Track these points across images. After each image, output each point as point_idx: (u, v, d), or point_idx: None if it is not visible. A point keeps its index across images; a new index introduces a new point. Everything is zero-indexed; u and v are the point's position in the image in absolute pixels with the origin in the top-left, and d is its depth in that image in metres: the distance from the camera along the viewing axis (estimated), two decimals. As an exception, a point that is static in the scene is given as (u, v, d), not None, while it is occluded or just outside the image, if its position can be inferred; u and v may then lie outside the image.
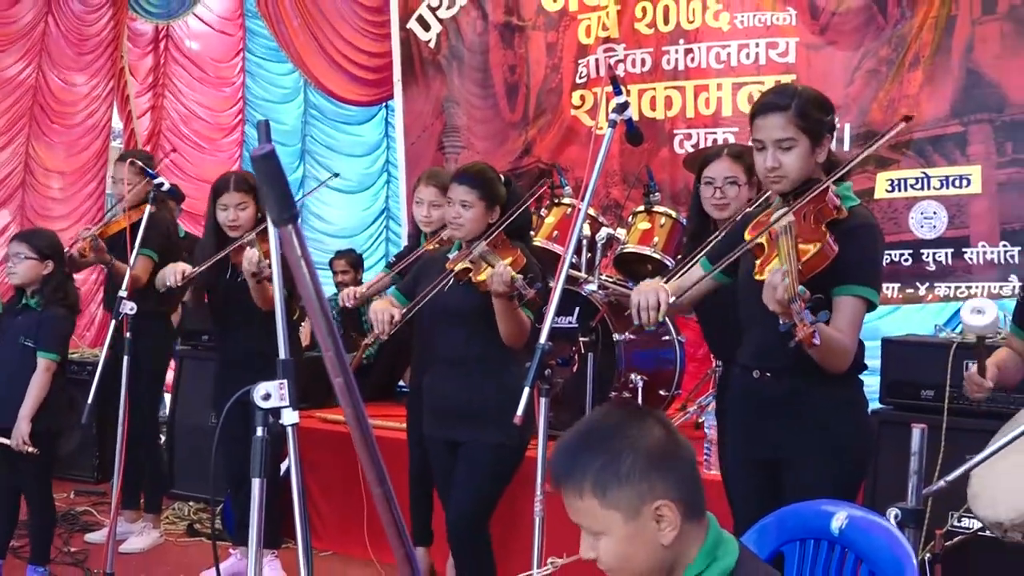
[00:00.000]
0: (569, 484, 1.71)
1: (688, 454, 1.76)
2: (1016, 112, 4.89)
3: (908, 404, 4.02)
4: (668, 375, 5.00)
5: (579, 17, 6.14)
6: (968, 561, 3.55)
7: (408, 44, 6.72)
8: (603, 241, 4.99)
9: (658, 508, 1.67)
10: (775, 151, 2.77)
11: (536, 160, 6.22)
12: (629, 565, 1.70)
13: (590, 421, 1.82)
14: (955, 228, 5.05)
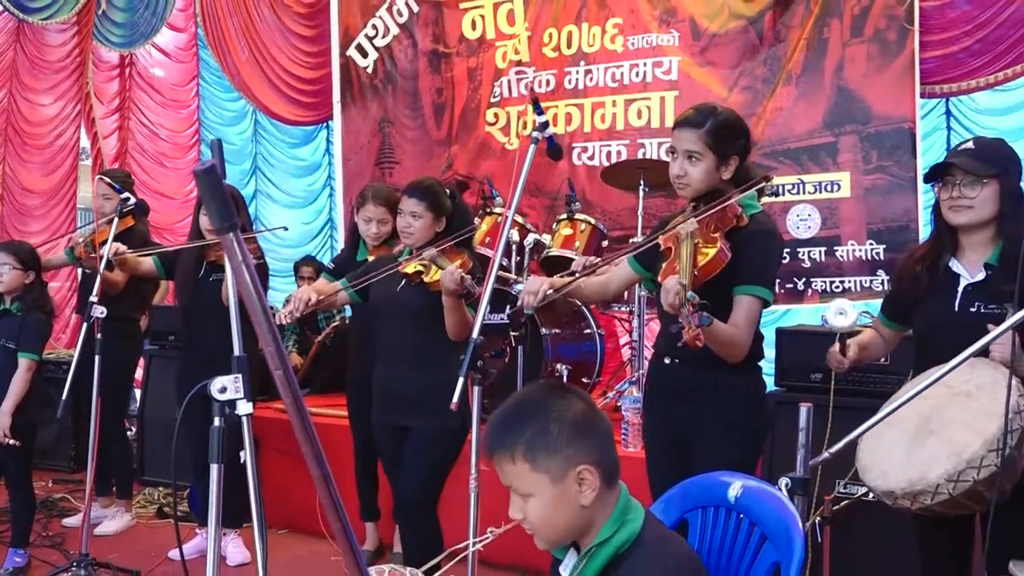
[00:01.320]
0: (502, 451, 1.73)
1: (606, 425, 1.79)
2: (880, 124, 4.98)
3: (799, 386, 4.08)
4: (590, 365, 5.03)
5: (496, 44, 6.16)
6: (853, 522, 3.62)
7: (347, 70, 6.69)
8: (530, 246, 5.02)
9: (580, 472, 1.69)
10: (684, 160, 2.82)
11: (454, 173, 6.22)
12: (552, 524, 1.73)
13: (520, 396, 1.83)
14: (827, 229, 5.15)
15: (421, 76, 6.46)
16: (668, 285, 2.49)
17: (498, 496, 1.82)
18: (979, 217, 2.66)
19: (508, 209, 3.15)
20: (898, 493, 2.44)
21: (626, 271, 3.07)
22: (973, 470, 2.34)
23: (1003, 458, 2.33)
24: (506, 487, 1.77)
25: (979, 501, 2.40)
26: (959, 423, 2.42)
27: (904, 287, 2.85)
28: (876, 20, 4.97)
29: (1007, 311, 2.55)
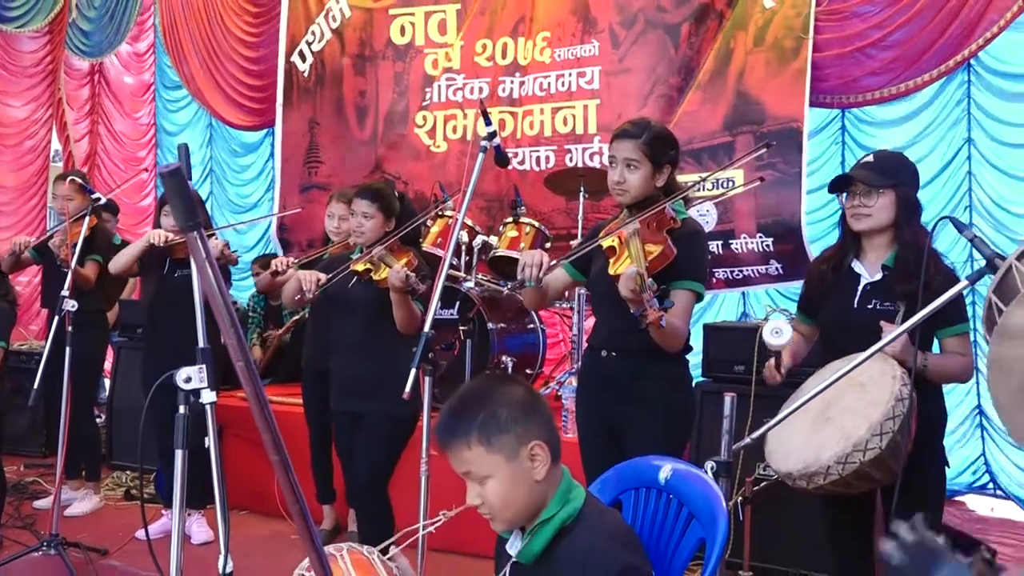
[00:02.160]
0: (457, 439, 1.72)
1: (546, 407, 1.80)
2: (772, 124, 5.04)
3: (724, 377, 4.13)
4: (533, 357, 5.04)
5: (425, 51, 6.11)
6: (771, 502, 3.67)
7: (290, 74, 6.60)
8: (479, 246, 5.02)
9: (532, 448, 1.71)
10: (623, 168, 2.87)
11: (382, 174, 6.18)
12: (511, 502, 1.72)
13: (466, 389, 1.83)
14: (723, 223, 5.19)
15: (345, 78, 6.39)
16: (628, 273, 2.51)
17: (448, 480, 1.82)
18: (876, 224, 2.72)
19: (458, 212, 3.15)
20: (795, 474, 2.49)
21: (562, 276, 3.08)
22: (859, 452, 2.38)
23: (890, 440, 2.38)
24: (461, 476, 1.76)
25: (868, 480, 2.45)
26: (851, 411, 2.47)
27: (813, 286, 2.90)
28: (776, 31, 5.04)
29: (899, 308, 2.62)
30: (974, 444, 4.99)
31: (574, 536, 1.72)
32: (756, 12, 5.11)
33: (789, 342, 2.65)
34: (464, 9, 6.03)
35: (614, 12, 5.54)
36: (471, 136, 5.92)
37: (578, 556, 1.69)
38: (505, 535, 1.83)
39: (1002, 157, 4.86)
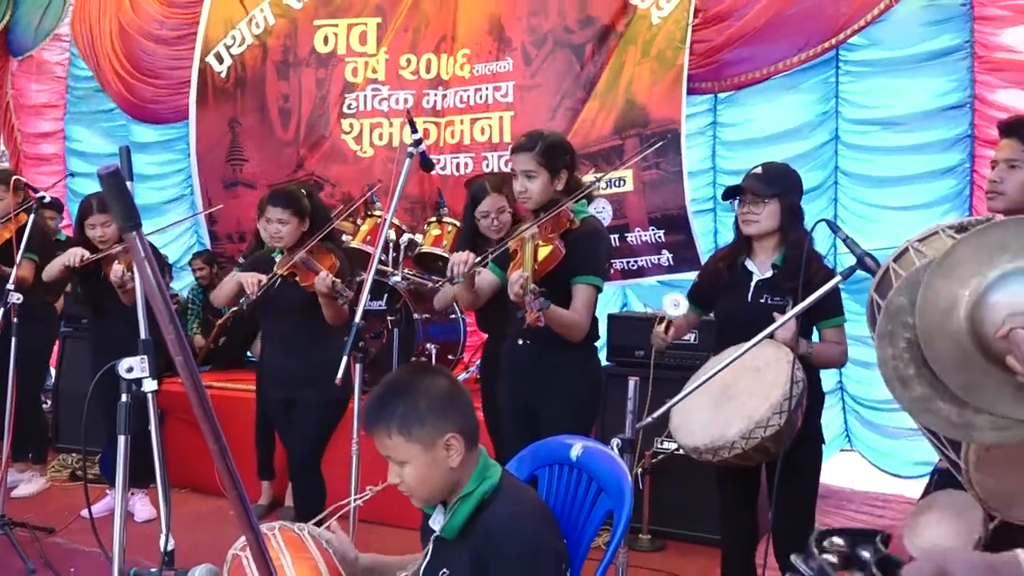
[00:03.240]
0: (379, 427, 1.69)
1: (467, 397, 1.78)
2: (656, 127, 5.08)
3: (626, 362, 4.16)
4: (455, 344, 5.00)
5: (347, 60, 6.01)
6: (667, 472, 3.72)
7: (204, 74, 6.36)
8: (405, 244, 4.97)
9: (448, 440, 1.68)
10: (524, 179, 2.87)
11: (309, 174, 6.04)
12: (427, 485, 1.71)
13: (391, 378, 1.79)
14: (618, 219, 5.22)
15: (268, 82, 6.22)
16: (512, 278, 2.57)
17: (377, 458, 1.78)
18: (764, 229, 2.76)
19: (387, 212, 3.11)
20: (702, 448, 2.51)
21: (490, 277, 3.06)
22: (761, 429, 2.42)
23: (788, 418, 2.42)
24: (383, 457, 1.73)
25: (765, 453, 2.49)
26: (750, 392, 2.50)
27: (709, 280, 2.93)
28: (660, 43, 5.11)
29: (788, 302, 2.66)
30: (838, 418, 5.14)
31: (493, 510, 1.71)
32: (644, 28, 5.18)
33: (685, 313, 2.69)
34: (385, 23, 5.96)
35: (526, 33, 5.56)
36: (397, 143, 5.85)
37: (497, 528, 1.68)
38: (428, 510, 1.80)
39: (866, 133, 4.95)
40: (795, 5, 4.82)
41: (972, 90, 4.71)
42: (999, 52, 4.63)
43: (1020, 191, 2.24)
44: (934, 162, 4.80)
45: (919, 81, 4.80)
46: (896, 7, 4.69)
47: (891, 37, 4.83)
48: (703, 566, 3.64)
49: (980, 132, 4.67)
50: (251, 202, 4.71)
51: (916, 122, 4.83)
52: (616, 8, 5.25)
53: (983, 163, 4.63)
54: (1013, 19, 4.60)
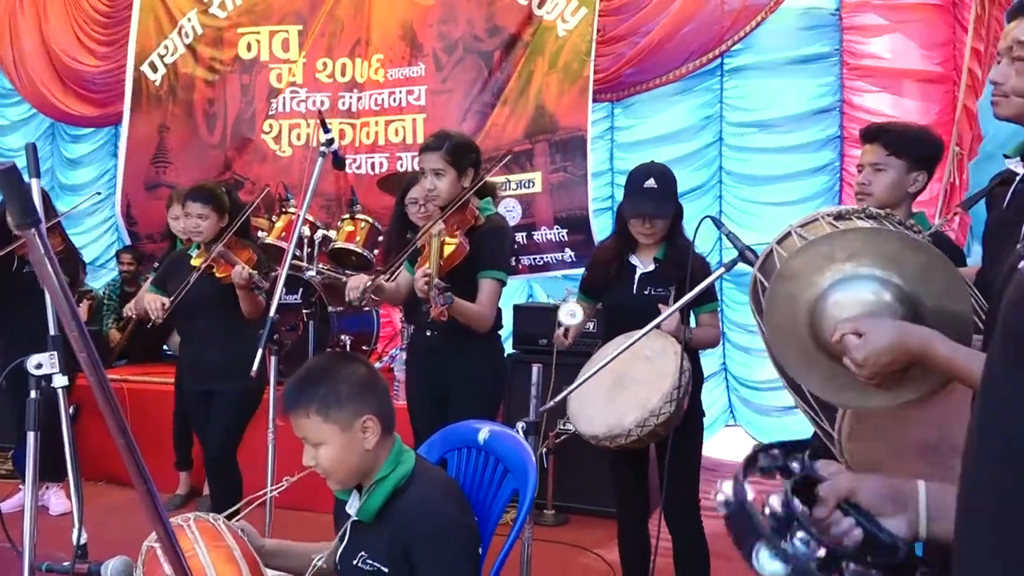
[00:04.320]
0: (299, 407, 1.66)
1: (383, 384, 1.76)
2: (562, 133, 5.15)
3: (530, 349, 4.19)
4: (368, 336, 4.95)
5: (270, 66, 5.87)
6: (569, 451, 3.76)
7: (139, 81, 6.12)
8: (320, 240, 4.87)
9: (365, 421, 1.66)
10: (432, 177, 2.85)
11: (232, 174, 5.88)
12: (342, 466, 1.68)
13: (313, 363, 1.76)
14: (526, 218, 5.27)
15: (197, 88, 6.03)
16: (417, 275, 2.56)
17: (293, 448, 1.74)
18: (660, 236, 2.80)
19: (300, 209, 3.05)
20: (601, 436, 2.53)
21: (406, 275, 3.04)
22: (654, 417, 2.46)
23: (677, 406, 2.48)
24: (300, 439, 1.70)
25: (656, 437, 2.54)
26: (643, 381, 2.54)
27: (596, 274, 2.94)
28: (566, 55, 5.16)
29: (670, 292, 2.72)
30: (722, 397, 5.31)
31: (408, 494, 1.69)
32: (551, 40, 5.22)
33: (582, 322, 2.73)
34: (306, 30, 5.83)
35: (437, 40, 5.53)
36: (313, 143, 5.73)
37: (413, 511, 1.67)
38: (343, 496, 1.77)
39: (747, 135, 5.12)
40: (688, 23, 4.93)
41: (841, 94, 4.92)
42: (866, 59, 4.85)
43: (886, 192, 2.35)
44: (807, 161, 5.00)
45: (794, 86, 4.99)
46: (773, 16, 4.85)
47: (769, 44, 5.00)
48: (602, 537, 3.70)
49: (848, 133, 4.88)
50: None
51: (791, 124, 5.01)
52: (522, 19, 5.28)
53: (851, 161, 4.84)
54: (878, 29, 4.82)
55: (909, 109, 4.69)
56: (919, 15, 4.75)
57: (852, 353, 1.28)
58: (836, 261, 1.34)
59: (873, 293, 1.32)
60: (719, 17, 4.90)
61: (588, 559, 3.65)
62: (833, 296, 1.34)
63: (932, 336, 1.27)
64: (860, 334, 1.28)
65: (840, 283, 1.34)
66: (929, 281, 1.32)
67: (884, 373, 1.28)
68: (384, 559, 1.66)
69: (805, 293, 1.36)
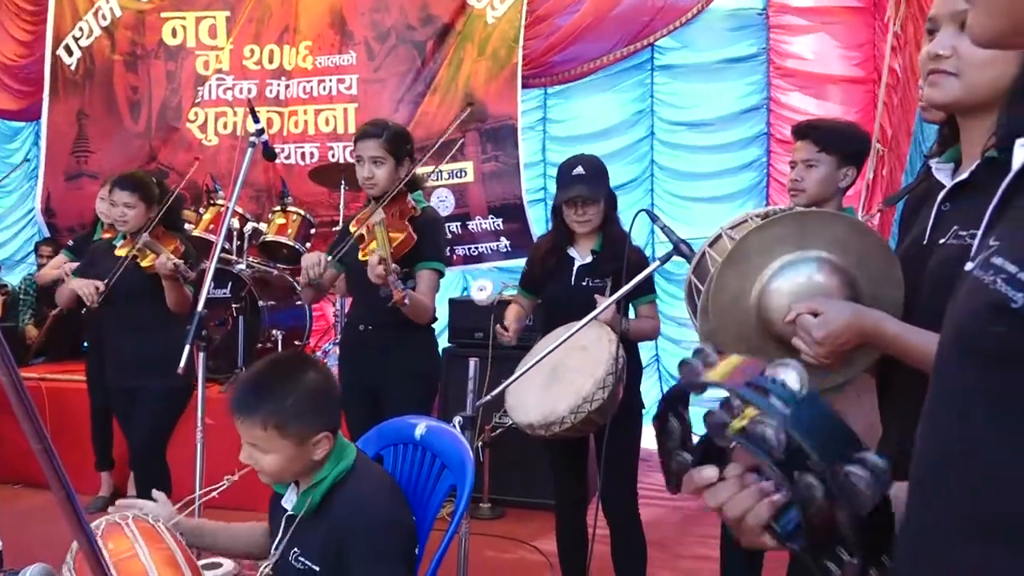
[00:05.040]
0: (254, 417, 1.59)
1: (336, 390, 1.72)
2: (493, 122, 5.15)
3: (467, 343, 4.16)
4: (300, 330, 4.85)
5: (196, 53, 5.69)
6: (505, 444, 3.76)
7: (55, 67, 5.87)
8: (249, 232, 4.75)
9: (320, 438, 1.62)
10: (371, 165, 2.81)
11: (158, 164, 5.68)
12: (285, 473, 1.64)
13: (269, 366, 1.69)
14: (460, 207, 5.25)
15: (117, 74, 5.80)
16: (373, 261, 2.49)
17: (223, 446, 1.68)
18: (594, 227, 2.81)
19: (229, 200, 2.96)
20: (536, 425, 2.53)
21: (331, 273, 2.98)
22: (587, 403, 2.46)
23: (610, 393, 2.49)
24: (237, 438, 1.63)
25: (592, 425, 2.54)
26: (578, 370, 2.54)
27: (535, 268, 2.94)
28: (495, 42, 5.15)
29: (607, 284, 2.73)
30: (655, 388, 5.38)
31: (347, 489, 1.66)
32: (480, 27, 5.19)
33: (491, 297, 2.71)
34: (234, 16, 5.66)
35: (369, 28, 5.44)
36: (241, 132, 5.57)
37: (351, 506, 1.63)
38: (280, 490, 1.72)
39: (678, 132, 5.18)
40: (616, 7, 4.97)
41: (768, 93, 5.02)
42: (790, 60, 4.96)
43: (818, 187, 2.40)
44: (736, 158, 5.09)
45: (723, 84, 5.07)
46: (703, 14, 4.92)
47: (699, 42, 5.08)
48: (539, 528, 3.71)
49: (775, 131, 4.99)
50: (95, 193, 4.35)
51: (720, 122, 5.10)
52: (455, 7, 5.25)
53: (777, 158, 4.95)
54: (803, 29, 4.94)
55: (832, 108, 4.82)
56: (840, 17, 4.88)
57: (813, 332, 1.29)
58: (786, 243, 1.36)
59: (822, 274, 1.34)
60: (647, 6, 4.95)
61: (524, 551, 3.65)
62: (782, 278, 1.36)
63: (883, 316, 1.30)
64: (816, 314, 1.29)
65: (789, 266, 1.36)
66: (869, 266, 1.35)
67: (838, 352, 1.30)
68: (316, 557, 1.62)
69: (754, 276, 1.37)
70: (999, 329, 0.59)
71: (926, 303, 1.26)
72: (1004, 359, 0.59)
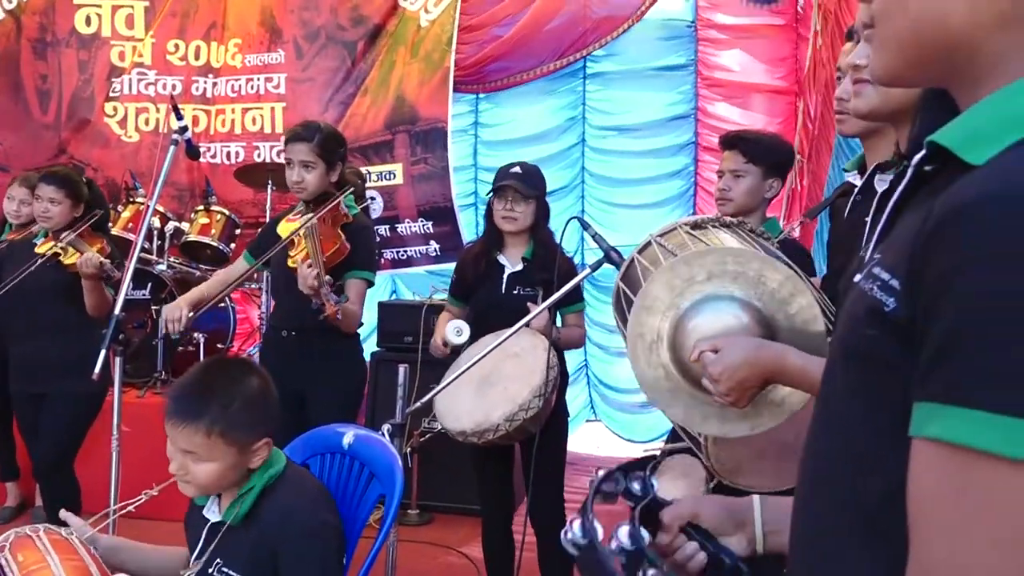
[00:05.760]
0: (199, 422, 1.52)
1: (275, 396, 1.67)
2: (423, 124, 5.10)
3: (397, 347, 4.11)
4: (224, 333, 4.70)
5: (112, 43, 5.44)
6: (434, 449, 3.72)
7: None
8: (171, 232, 4.59)
9: (259, 446, 1.58)
10: (300, 169, 2.75)
11: (69, 159, 5.39)
12: (220, 482, 1.58)
13: (208, 370, 1.63)
14: (388, 210, 5.18)
15: (24, 61, 5.49)
16: (305, 271, 2.44)
17: (141, 453, 1.61)
18: (522, 226, 2.81)
19: (150, 199, 2.86)
20: (468, 432, 2.51)
21: (243, 266, 2.91)
22: (523, 411, 2.46)
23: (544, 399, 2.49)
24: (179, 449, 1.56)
25: (525, 433, 2.54)
26: (512, 377, 2.54)
27: (465, 275, 2.92)
28: (427, 45, 5.11)
29: (538, 292, 2.73)
30: (583, 393, 5.42)
31: (277, 496, 1.61)
32: (413, 30, 5.15)
33: (467, 341, 2.70)
34: (153, 7, 5.45)
35: (299, 27, 5.33)
36: (163, 129, 5.37)
37: (281, 514, 1.59)
38: (200, 501, 1.66)
39: (608, 138, 5.23)
40: (551, 21, 4.99)
41: (696, 103, 5.13)
42: (718, 71, 5.08)
43: (745, 197, 2.44)
44: (664, 165, 5.18)
45: (652, 93, 5.16)
46: (636, 24, 4.99)
47: (630, 52, 5.15)
48: (466, 535, 3.68)
49: (702, 140, 5.10)
50: (2, 184, 4.12)
51: (649, 128, 5.18)
52: (387, 9, 5.18)
53: (704, 167, 5.06)
54: (729, 42, 5.06)
55: (756, 118, 4.94)
56: (764, 32, 5.02)
57: (708, 368, 1.27)
58: (696, 282, 1.34)
59: (733, 315, 1.32)
60: (582, 19, 4.99)
61: (452, 557, 3.62)
62: (693, 319, 1.34)
63: (787, 349, 1.27)
64: (717, 351, 1.28)
65: (700, 304, 1.34)
66: (786, 302, 1.33)
67: (740, 389, 1.27)
68: (242, 567, 1.57)
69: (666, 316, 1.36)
70: (871, 332, 0.63)
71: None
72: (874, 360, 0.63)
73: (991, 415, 0.53)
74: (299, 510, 1.60)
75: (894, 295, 0.61)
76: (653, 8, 4.93)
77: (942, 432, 0.55)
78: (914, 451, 0.58)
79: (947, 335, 0.55)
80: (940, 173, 0.65)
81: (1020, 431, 0.52)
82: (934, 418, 0.56)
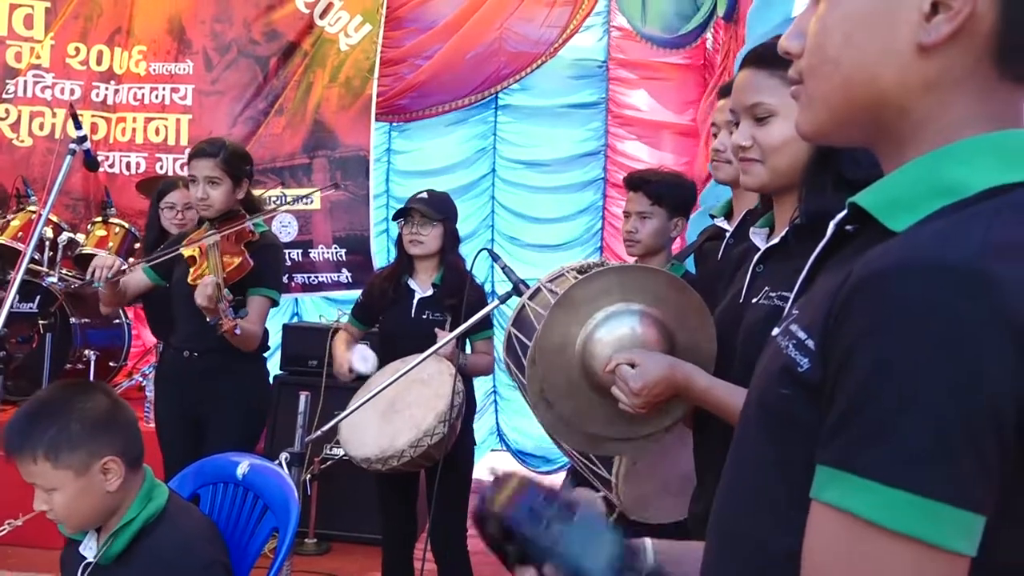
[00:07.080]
0: (24, 453, 1.44)
1: (130, 416, 1.57)
2: (344, 151, 5.02)
3: (300, 371, 4.00)
4: (118, 350, 4.49)
5: (8, 42, 5.15)
6: (332, 477, 3.64)
7: None
8: (64, 243, 4.35)
9: (105, 463, 1.47)
10: (206, 185, 2.67)
11: None
12: (79, 512, 1.48)
13: (40, 398, 1.53)
14: (303, 234, 5.07)
15: None
16: (206, 282, 2.37)
17: (13, 480, 1.50)
18: (429, 250, 2.80)
19: (43, 208, 2.71)
20: (373, 459, 2.47)
21: (142, 279, 2.80)
22: (428, 437, 2.43)
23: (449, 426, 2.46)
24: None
25: (429, 459, 2.51)
26: (417, 403, 2.51)
27: (373, 299, 2.89)
28: (348, 70, 5.03)
29: (447, 317, 2.72)
30: (491, 420, 5.40)
31: (159, 534, 1.52)
32: (332, 53, 5.06)
33: (374, 368, 2.66)
34: (55, 8, 5.19)
35: (209, 38, 5.16)
36: (60, 135, 5.10)
37: (164, 554, 1.51)
38: (78, 537, 1.56)
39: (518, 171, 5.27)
40: (468, 53, 5.02)
41: (606, 140, 5.23)
42: (627, 110, 5.20)
43: (652, 238, 2.49)
44: (573, 201, 5.26)
45: (563, 129, 5.24)
46: (549, 61, 5.07)
47: (542, 87, 5.22)
48: (365, 565, 3.58)
49: (611, 176, 5.19)
50: None
51: (559, 163, 5.25)
52: (302, 26, 5.08)
53: (612, 202, 5.15)
54: (638, 83, 5.20)
55: (665, 156, 5.08)
56: (674, 73, 5.18)
57: (630, 383, 1.33)
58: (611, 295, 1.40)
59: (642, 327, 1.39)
60: (497, 52, 5.03)
61: (349, 587, 3.52)
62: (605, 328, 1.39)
63: (695, 370, 1.36)
64: (634, 365, 1.33)
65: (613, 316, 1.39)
66: (686, 320, 1.41)
67: (653, 403, 1.35)
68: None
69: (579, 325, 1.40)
70: (785, 391, 0.63)
71: (740, 358, 1.34)
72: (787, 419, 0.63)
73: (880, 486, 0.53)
74: (182, 548, 1.52)
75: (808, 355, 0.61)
76: (566, 46, 5.03)
77: (834, 498, 0.56)
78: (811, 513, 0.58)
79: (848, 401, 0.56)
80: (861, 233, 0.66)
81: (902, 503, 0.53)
82: (831, 483, 0.56)
